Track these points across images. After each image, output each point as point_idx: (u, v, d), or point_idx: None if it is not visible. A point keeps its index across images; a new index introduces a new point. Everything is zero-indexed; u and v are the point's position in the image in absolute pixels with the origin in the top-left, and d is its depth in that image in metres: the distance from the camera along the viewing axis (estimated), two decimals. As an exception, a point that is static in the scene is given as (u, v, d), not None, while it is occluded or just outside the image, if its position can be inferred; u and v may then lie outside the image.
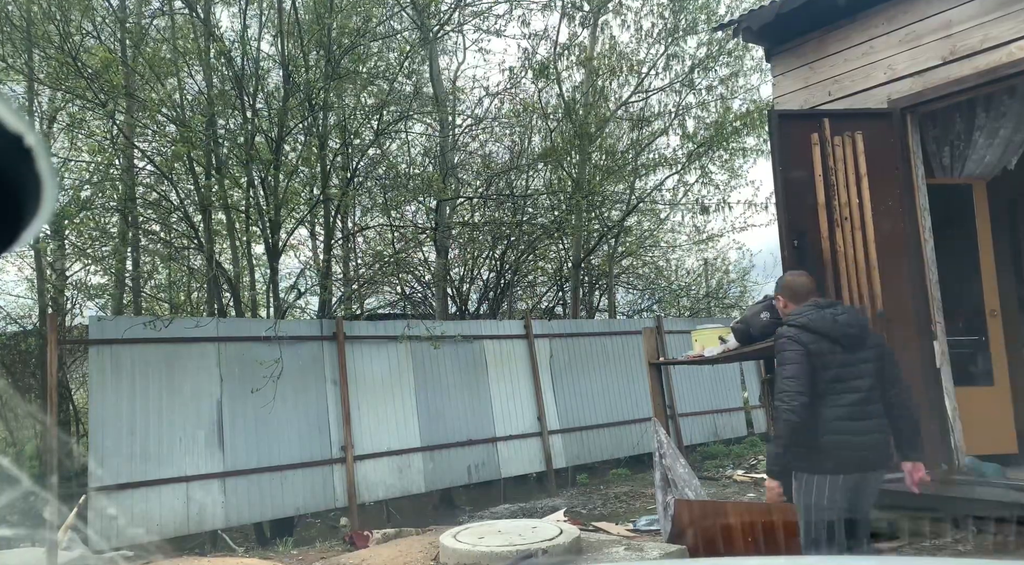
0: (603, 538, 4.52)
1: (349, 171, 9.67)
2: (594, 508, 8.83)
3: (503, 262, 12.33)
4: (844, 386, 3.41)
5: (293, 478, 7.86)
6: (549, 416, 10.19)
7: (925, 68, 5.30)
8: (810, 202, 5.30)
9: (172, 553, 6.91)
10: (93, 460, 6.81)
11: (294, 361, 8.01)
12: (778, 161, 5.31)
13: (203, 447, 7.40)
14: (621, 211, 13.29)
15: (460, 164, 11.97)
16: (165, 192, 9.52)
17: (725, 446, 12.04)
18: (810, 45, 5.97)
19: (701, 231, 15.68)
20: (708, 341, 6.69)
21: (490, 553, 3.63)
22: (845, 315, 3.53)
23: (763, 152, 13.18)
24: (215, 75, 8.89)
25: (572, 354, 10.89)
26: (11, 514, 7.15)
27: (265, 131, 8.65)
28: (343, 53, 8.74)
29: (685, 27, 12.64)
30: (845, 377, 3.42)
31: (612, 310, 14.68)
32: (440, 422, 9.19)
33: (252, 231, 9.09)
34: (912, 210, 5.37)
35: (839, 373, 3.42)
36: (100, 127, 9.24)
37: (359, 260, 12.47)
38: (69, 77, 8.01)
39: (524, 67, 12.31)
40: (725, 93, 13.36)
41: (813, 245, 5.24)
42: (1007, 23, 4.90)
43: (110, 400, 7.03)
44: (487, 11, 12.05)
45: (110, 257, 10.40)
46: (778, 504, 3.64)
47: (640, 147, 12.96)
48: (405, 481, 8.73)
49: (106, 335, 7.20)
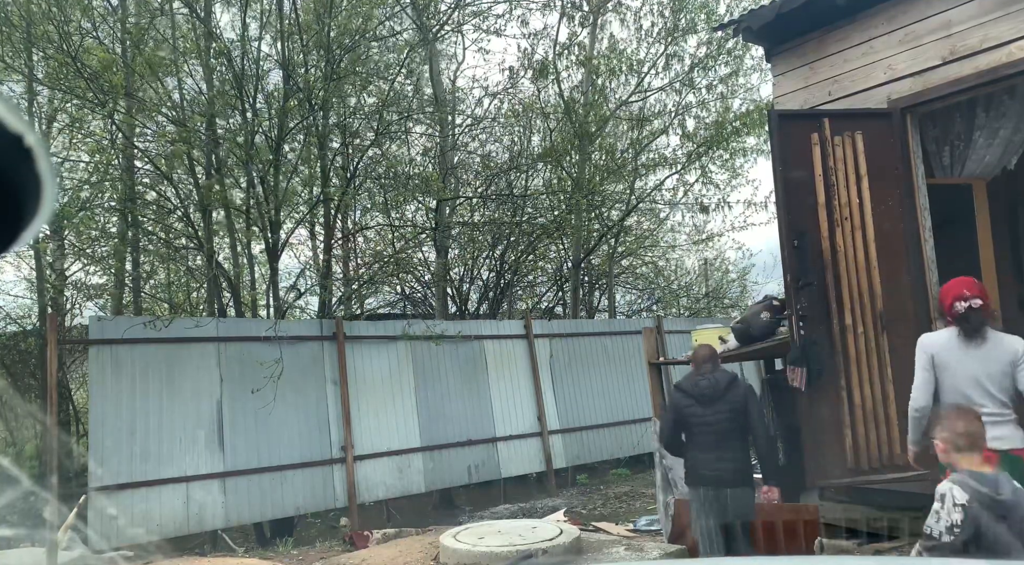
0: (603, 538, 4.52)
1: (349, 171, 9.67)
2: (594, 508, 8.83)
3: (503, 262, 12.33)
4: (701, 429, 4.82)
5: (293, 478, 7.86)
6: (549, 416, 10.19)
7: (925, 68, 5.29)
8: (810, 202, 5.29)
9: (172, 553, 6.91)
10: (93, 460, 6.81)
11: (294, 361, 8.01)
12: (778, 161, 5.31)
13: (203, 447, 7.40)
14: (621, 211, 13.28)
15: (460, 164, 11.97)
16: (165, 192, 9.51)
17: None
18: (810, 45, 5.97)
19: (701, 231, 15.69)
20: (708, 341, 6.70)
21: (490, 553, 3.63)
22: (706, 381, 4.89)
23: (763, 152, 13.17)
24: (215, 75, 8.89)
25: (572, 354, 10.88)
26: (11, 514, 7.14)
27: (265, 131, 8.65)
28: (343, 53, 8.73)
29: (685, 26, 12.63)
30: (701, 423, 4.81)
31: (612, 310, 14.68)
32: (440, 422, 9.19)
33: (252, 231, 9.09)
34: (912, 210, 5.37)
35: (697, 420, 4.83)
36: (100, 127, 9.24)
37: (359, 260, 12.47)
38: (69, 77, 8.00)
39: (524, 67, 12.31)
40: (725, 92, 13.36)
41: (813, 245, 5.23)
42: (1007, 23, 4.90)
43: (110, 400, 7.03)
44: (487, 11, 12.05)
45: (110, 257, 10.40)
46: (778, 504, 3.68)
47: (640, 147, 12.95)
48: (405, 481, 8.73)
49: (106, 335, 7.20)
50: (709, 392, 4.84)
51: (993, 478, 2.80)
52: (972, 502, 2.73)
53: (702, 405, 4.83)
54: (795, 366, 5.05)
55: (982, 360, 3.41)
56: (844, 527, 4.94)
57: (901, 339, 5.16)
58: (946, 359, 3.50)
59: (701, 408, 4.82)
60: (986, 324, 3.46)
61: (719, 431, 4.75)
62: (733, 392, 4.85)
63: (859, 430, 4.94)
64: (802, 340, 5.06)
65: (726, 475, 4.68)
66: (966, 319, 3.45)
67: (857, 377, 5.10)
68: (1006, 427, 3.33)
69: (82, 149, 9.94)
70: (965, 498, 2.74)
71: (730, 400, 4.81)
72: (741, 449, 4.78)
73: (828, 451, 4.96)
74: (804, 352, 5.03)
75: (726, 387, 4.85)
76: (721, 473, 4.68)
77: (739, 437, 4.78)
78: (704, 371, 4.95)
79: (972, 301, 3.38)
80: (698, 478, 4.80)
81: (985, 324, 3.46)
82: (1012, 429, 3.36)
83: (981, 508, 2.72)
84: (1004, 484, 2.79)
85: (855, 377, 5.10)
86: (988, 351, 3.41)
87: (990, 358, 3.39)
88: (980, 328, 3.44)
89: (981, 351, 3.42)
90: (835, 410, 5.02)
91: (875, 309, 5.20)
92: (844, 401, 5.05)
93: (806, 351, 5.03)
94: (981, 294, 3.44)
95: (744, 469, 4.76)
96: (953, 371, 3.49)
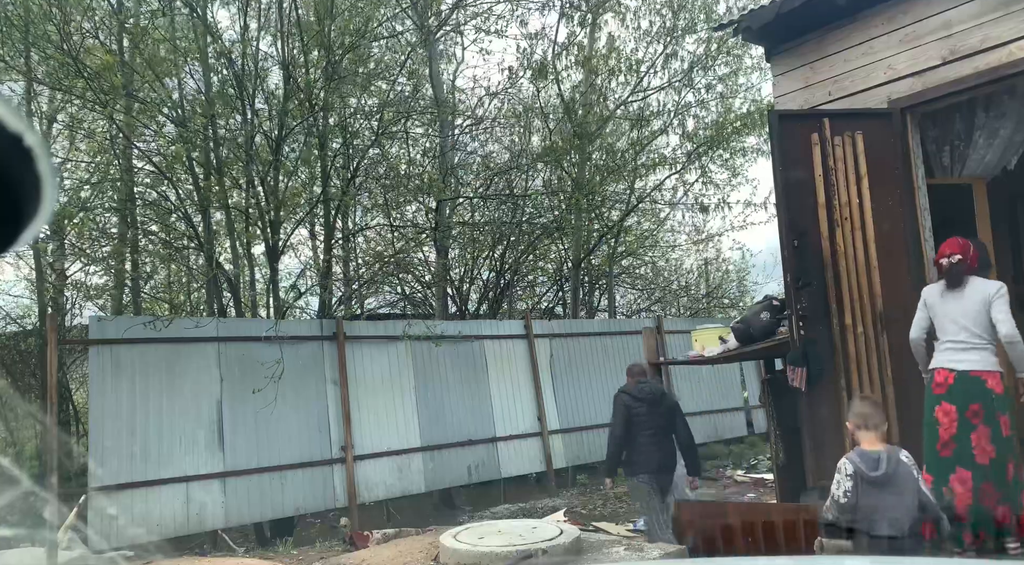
0: (603, 538, 4.52)
1: (349, 171, 9.67)
2: (594, 508, 8.83)
3: (503, 262, 12.33)
4: (642, 427, 5.78)
5: (293, 478, 7.86)
6: (549, 416, 10.19)
7: (925, 68, 5.29)
8: (810, 202, 5.29)
9: (172, 553, 6.91)
10: (93, 460, 6.81)
11: (294, 361, 8.00)
12: (778, 161, 5.31)
13: (203, 447, 7.40)
14: (621, 211, 13.28)
15: (460, 164, 11.97)
16: (165, 192, 9.51)
17: (725, 446, 12.05)
18: (810, 45, 5.97)
19: (701, 231, 15.69)
20: (708, 341, 6.70)
21: (490, 553, 3.63)
22: (648, 388, 5.95)
23: (763, 151, 13.17)
24: (215, 75, 8.89)
25: (572, 354, 10.88)
26: (11, 514, 7.14)
27: (265, 131, 8.64)
28: (344, 53, 8.73)
29: (684, 26, 12.63)
30: (643, 422, 5.79)
31: (612, 310, 14.68)
32: (440, 422, 9.19)
33: (252, 231, 9.09)
34: (912, 210, 5.37)
35: (640, 420, 5.79)
36: (100, 127, 9.24)
37: (359, 260, 12.47)
38: (68, 77, 8.00)
39: (523, 67, 12.30)
40: (725, 91, 13.35)
41: (813, 245, 5.23)
42: (1007, 23, 4.90)
43: (110, 400, 7.03)
44: (487, 11, 12.04)
45: (110, 257, 10.40)
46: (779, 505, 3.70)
47: (640, 147, 12.95)
48: (405, 481, 8.73)
49: (106, 335, 7.20)
50: (651, 397, 5.89)
51: (874, 456, 3.54)
52: (856, 474, 3.53)
53: (646, 407, 5.83)
54: (795, 366, 5.05)
55: (960, 301, 4.28)
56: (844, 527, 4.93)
57: (901, 339, 5.16)
58: (933, 302, 4.42)
59: (646, 410, 5.83)
60: (963, 274, 4.27)
61: (657, 429, 5.81)
62: (667, 399, 6.08)
63: (859, 430, 4.93)
64: (802, 340, 5.06)
65: (658, 464, 5.76)
66: (948, 272, 4.31)
67: (857, 377, 5.10)
68: (974, 353, 4.19)
69: (82, 150, 9.95)
70: (851, 470, 3.54)
71: (665, 405, 5.94)
72: (670, 444, 5.88)
73: (828, 451, 4.96)
74: (804, 352, 5.03)
75: (661, 395, 6.04)
76: (659, 462, 5.77)
77: (669, 435, 5.87)
78: (642, 381, 6.09)
79: (951, 258, 4.26)
80: (641, 466, 5.79)
81: (962, 274, 4.27)
82: (979, 355, 4.19)
83: (861, 480, 3.52)
84: (883, 462, 3.51)
85: (855, 377, 5.10)
86: (967, 294, 4.26)
87: (967, 299, 4.25)
88: (958, 277, 4.29)
89: (960, 294, 4.29)
90: (835, 410, 5.02)
91: (875, 309, 5.20)
92: (844, 401, 5.04)
93: (806, 351, 5.04)
94: (961, 251, 4.25)
95: (672, 459, 5.87)
96: (937, 311, 4.38)
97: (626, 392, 6.01)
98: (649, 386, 6.02)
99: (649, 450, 5.77)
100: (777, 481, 6.11)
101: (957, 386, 4.20)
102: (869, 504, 3.58)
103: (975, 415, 4.14)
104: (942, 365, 4.29)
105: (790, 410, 5.62)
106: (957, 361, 4.22)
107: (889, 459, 3.56)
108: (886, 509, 3.51)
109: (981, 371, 4.16)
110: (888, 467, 3.54)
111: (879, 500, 3.55)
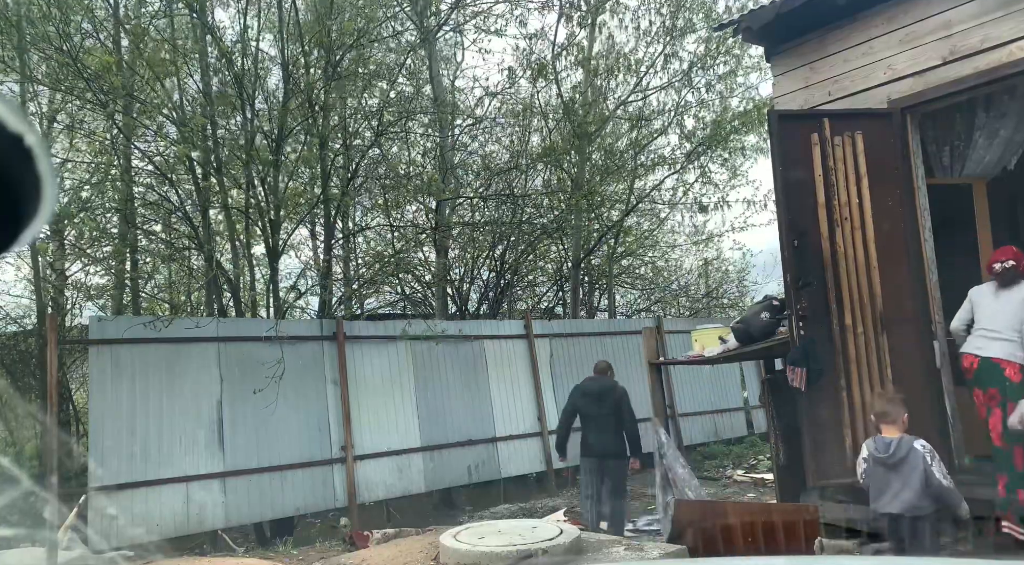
0: (603, 538, 4.52)
1: (349, 171, 9.67)
2: (594, 508, 8.81)
3: (503, 262, 12.33)
4: (591, 417, 6.91)
5: (293, 478, 7.86)
6: (549, 416, 10.19)
7: (925, 68, 5.29)
8: (810, 202, 5.29)
9: (172, 553, 6.91)
10: (93, 460, 6.81)
11: (294, 361, 8.00)
12: (778, 161, 5.30)
13: (203, 447, 7.40)
14: (620, 211, 13.28)
15: (460, 164, 11.96)
16: (165, 192, 9.51)
17: (725, 446, 12.04)
18: (810, 45, 5.97)
19: (700, 231, 15.68)
20: (708, 341, 6.70)
21: (490, 553, 3.63)
22: (596, 385, 7.01)
23: (763, 151, 13.17)
24: (215, 75, 8.89)
25: (572, 354, 10.88)
26: (11, 514, 7.14)
27: (265, 132, 8.64)
28: (344, 52, 8.73)
29: (683, 26, 12.62)
30: (591, 413, 6.90)
31: (612, 310, 14.68)
32: (440, 422, 9.19)
33: (252, 231, 9.08)
34: (912, 210, 5.37)
35: (589, 411, 6.91)
36: (100, 128, 9.23)
37: (359, 260, 12.47)
38: (68, 78, 8.00)
39: (523, 67, 12.30)
40: (724, 91, 13.35)
41: (813, 245, 5.23)
42: (1007, 23, 4.90)
43: (110, 400, 7.03)
44: (487, 11, 12.04)
45: (110, 257, 10.39)
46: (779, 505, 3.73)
47: (639, 147, 12.94)
48: (405, 481, 8.73)
49: (106, 335, 7.20)
50: (598, 391, 6.92)
51: (887, 441, 4.04)
52: (870, 457, 4.12)
53: (594, 400, 6.89)
54: (795, 366, 5.05)
55: (1001, 301, 4.69)
56: (844, 527, 4.94)
57: (901, 339, 5.16)
58: (979, 300, 4.83)
59: (594, 403, 6.88)
60: (1016, 277, 4.66)
61: (601, 419, 6.82)
62: (613, 394, 6.88)
63: (859, 430, 4.94)
64: (802, 340, 5.06)
65: (605, 450, 6.78)
66: (1001, 275, 4.71)
67: (857, 377, 5.10)
68: (998, 344, 4.56)
69: (82, 150, 9.94)
70: (866, 454, 4.17)
71: (612, 398, 6.84)
72: (616, 433, 6.80)
73: (828, 451, 4.96)
74: (804, 352, 5.03)
75: (610, 389, 6.92)
76: (600, 448, 6.80)
77: (615, 425, 6.79)
78: (594, 377, 7.17)
79: (1005, 263, 4.69)
80: (586, 449, 6.91)
81: (1016, 277, 4.66)
82: (1004, 345, 4.55)
83: (873, 461, 4.10)
84: (894, 446, 3.99)
85: (855, 377, 5.09)
86: (1009, 294, 4.67)
87: (1008, 299, 4.66)
88: (1010, 280, 4.69)
89: (1004, 294, 4.70)
90: (835, 410, 5.02)
91: (875, 309, 5.20)
92: (844, 401, 5.05)
93: (806, 351, 5.03)
94: (1014, 257, 4.69)
95: (615, 447, 6.79)
96: (980, 307, 4.79)
97: (579, 388, 7.19)
98: (599, 382, 7.07)
99: (594, 437, 6.84)
100: (777, 481, 6.11)
101: (980, 371, 4.59)
102: (877, 483, 4.09)
103: (991, 398, 4.51)
104: (969, 350, 4.68)
105: (790, 410, 5.61)
106: (982, 348, 4.61)
107: (900, 444, 3.98)
108: (892, 489, 3.97)
109: (1002, 359, 4.51)
110: (898, 451, 3.96)
111: (887, 480, 4.03)
